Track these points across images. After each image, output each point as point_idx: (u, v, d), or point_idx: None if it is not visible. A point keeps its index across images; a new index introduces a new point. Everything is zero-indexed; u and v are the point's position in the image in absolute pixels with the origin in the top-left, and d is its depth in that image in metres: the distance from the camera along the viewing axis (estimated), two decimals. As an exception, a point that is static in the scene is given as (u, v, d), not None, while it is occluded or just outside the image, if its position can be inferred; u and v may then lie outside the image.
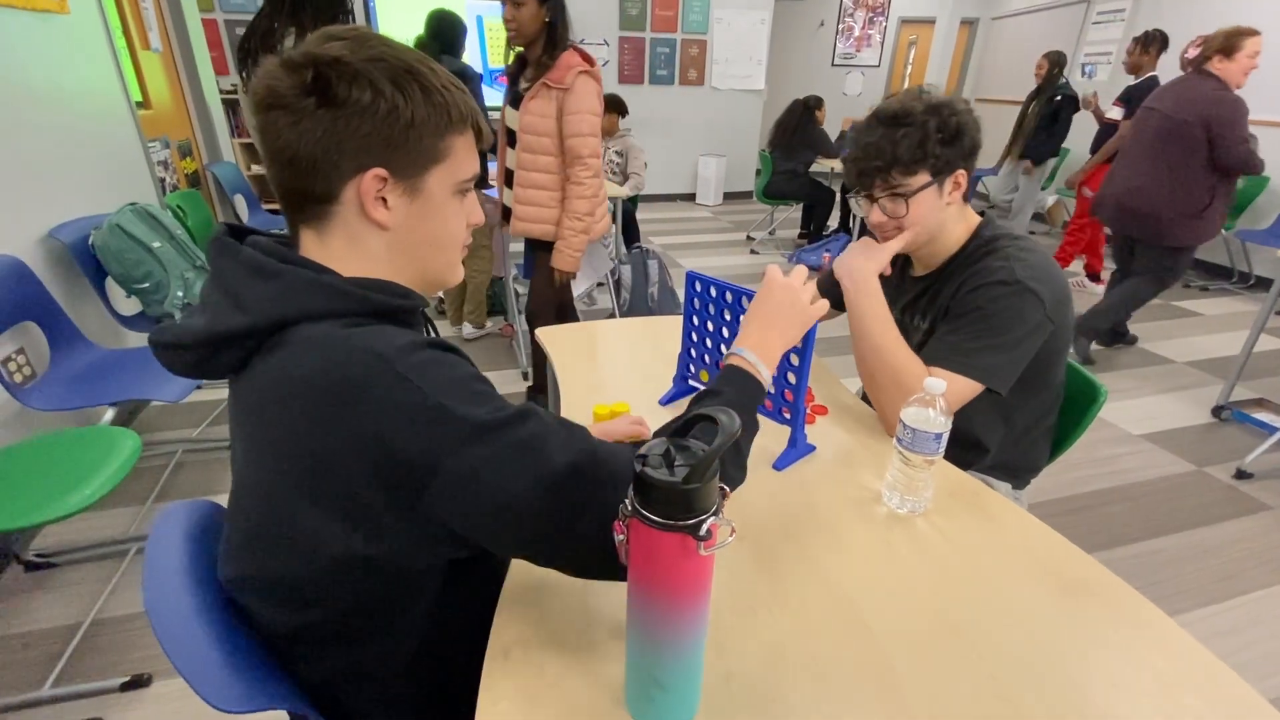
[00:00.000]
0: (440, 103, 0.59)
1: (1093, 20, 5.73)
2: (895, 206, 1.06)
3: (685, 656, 0.53)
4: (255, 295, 0.56)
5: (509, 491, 0.53)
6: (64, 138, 2.19)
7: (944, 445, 0.82)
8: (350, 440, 0.51)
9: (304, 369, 0.53)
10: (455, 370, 0.56)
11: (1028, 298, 1.01)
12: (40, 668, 1.41)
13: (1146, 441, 2.49)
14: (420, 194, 0.61)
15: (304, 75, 0.55)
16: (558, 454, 0.55)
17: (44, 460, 1.43)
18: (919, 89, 1.08)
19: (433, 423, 0.51)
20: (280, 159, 0.57)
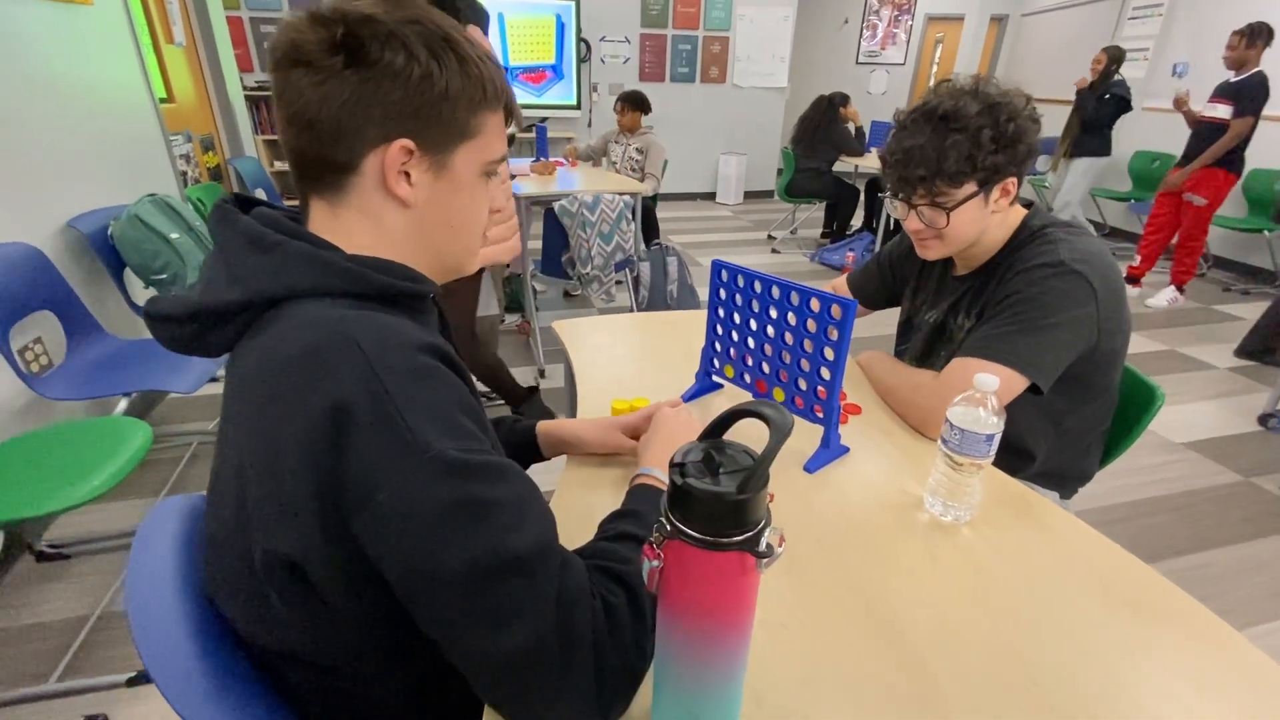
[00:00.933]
0: (476, 75, 0.55)
1: (1129, 15, 5.56)
2: (935, 216, 0.98)
3: (730, 688, 0.47)
4: (249, 268, 0.52)
5: (437, 554, 0.44)
6: (85, 129, 2.19)
7: (995, 448, 0.75)
8: (305, 428, 0.45)
9: (288, 348, 0.48)
10: (441, 389, 0.49)
11: (1074, 280, 0.93)
12: (48, 659, 1.39)
13: (1190, 450, 2.38)
14: (446, 171, 0.57)
15: (333, 31, 0.50)
16: (511, 534, 0.46)
17: (53, 450, 1.41)
18: (976, 80, 0.96)
19: (387, 438, 0.44)
20: (299, 121, 0.52)
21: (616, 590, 0.52)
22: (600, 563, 0.54)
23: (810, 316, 0.87)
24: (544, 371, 2.82)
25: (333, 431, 0.44)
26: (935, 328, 1.15)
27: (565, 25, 5.65)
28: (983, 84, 0.96)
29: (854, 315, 0.82)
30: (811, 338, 0.88)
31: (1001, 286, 1.00)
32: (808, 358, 0.89)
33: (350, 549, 0.46)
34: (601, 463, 0.89)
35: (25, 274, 1.76)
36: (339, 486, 0.45)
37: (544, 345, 2.91)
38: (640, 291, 3.18)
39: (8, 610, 1.52)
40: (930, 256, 1.07)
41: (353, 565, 0.47)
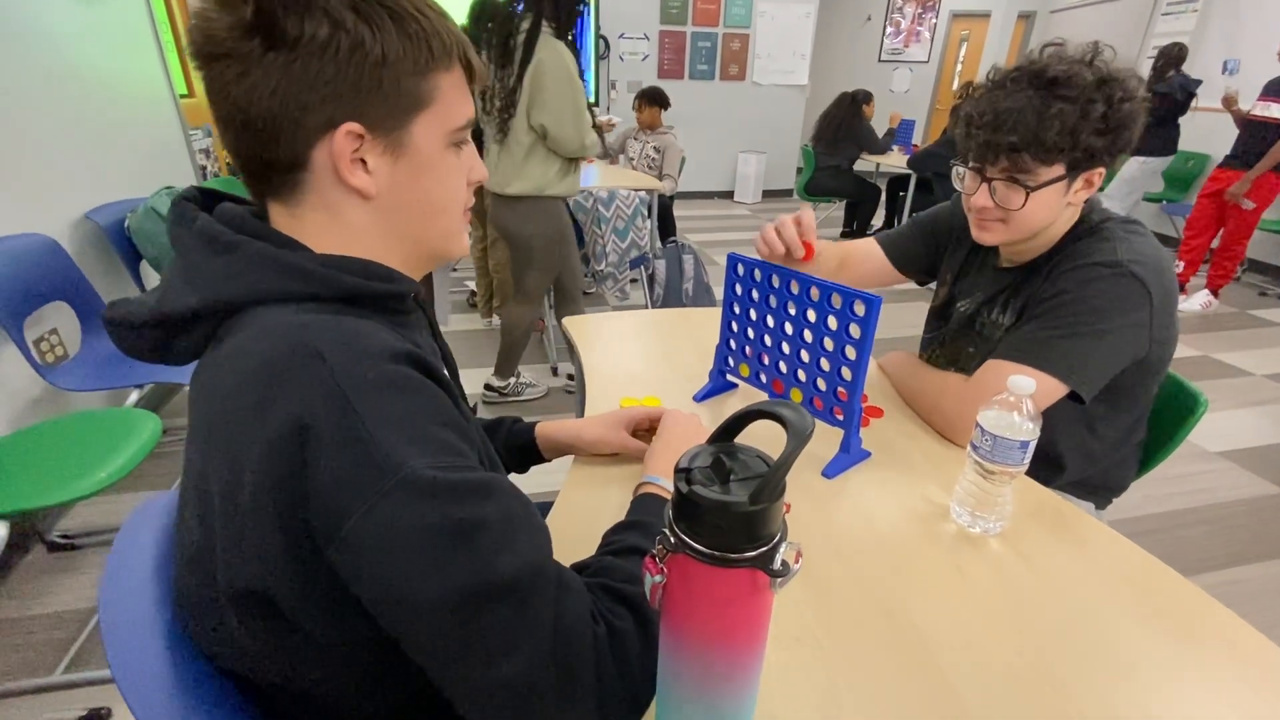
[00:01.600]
0: (417, 32, 0.48)
1: (1162, 11, 5.40)
2: (1010, 195, 0.87)
3: (739, 713, 0.43)
4: (205, 271, 0.47)
5: (418, 585, 0.39)
6: (105, 123, 2.19)
7: (1029, 456, 0.70)
8: (266, 448, 0.40)
9: (246, 361, 0.43)
10: (415, 400, 0.43)
11: (1131, 285, 0.85)
12: (55, 650, 1.38)
13: (1225, 460, 2.28)
14: (406, 150, 0.50)
15: (242, 11, 0.44)
16: (499, 557, 0.41)
17: (65, 441, 1.41)
18: (1092, 47, 0.85)
19: (354, 456, 0.39)
20: (233, 123, 0.47)
21: (622, 613, 0.47)
22: (604, 581, 0.50)
23: (831, 313, 0.82)
24: (556, 369, 2.79)
25: (295, 453, 0.39)
26: (965, 319, 1.08)
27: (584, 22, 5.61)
28: (1098, 56, 0.85)
29: (878, 312, 0.77)
30: (832, 335, 0.83)
31: (1049, 283, 0.91)
32: (828, 357, 0.85)
33: (327, 575, 0.41)
34: (609, 462, 0.86)
35: (41, 265, 1.76)
36: (306, 514, 0.40)
37: (557, 343, 2.88)
38: (655, 289, 3.14)
39: (17, 600, 1.52)
40: (987, 241, 0.96)
41: (331, 592, 0.42)
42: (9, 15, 1.79)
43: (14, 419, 1.67)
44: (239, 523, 0.42)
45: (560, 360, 2.81)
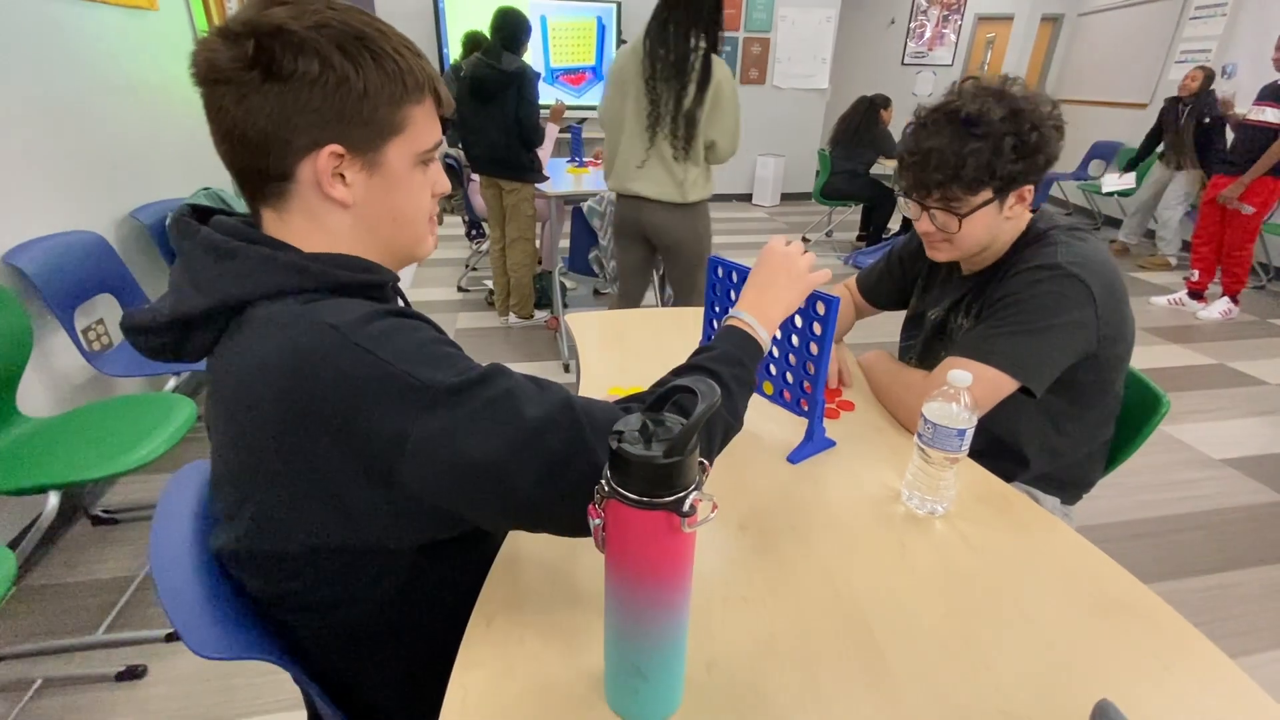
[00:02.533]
0: (394, 70, 0.56)
1: (1190, 15, 5.32)
2: (948, 221, 0.98)
3: (669, 643, 0.51)
4: (212, 276, 0.55)
5: (484, 451, 0.51)
6: (149, 126, 2.35)
7: (967, 443, 0.76)
8: (315, 421, 0.50)
9: (264, 350, 0.52)
10: (416, 334, 0.54)
11: (1069, 283, 0.92)
12: (97, 614, 1.51)
13: (1228, 467, 2.29)
14: (380, 168, 0.59)
15: (245, 46, 0.51)
16: (531, 408, 0.53)
17: (108, 422, 1.54)
18: (1002, 79, 0.94)
19: (396, 392, 0.50)
20: (230, 138, 0.54)
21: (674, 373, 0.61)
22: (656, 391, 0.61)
23: (797, 313, 0.89)
24: (568, 366, 2.88)
25: (346, 410, 0.49)
26: (936, 325, 1.15)
27: (606, 27, 5.72)
28: (1009, 85, 0.94)
29: (836, 312, 0.84)
30: (798, 333, 0.91)
31: (999, 287, 1.00)
32: (795, 352, 0.92)
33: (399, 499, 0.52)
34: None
35: (91, 260, 1.91)
36: (369, 451, 0.50)
37: (569, 340, 2.97)
38: (666, 289, 3.22)
39: (64, 567, 1.65)
40: (939, 259, 1.07)
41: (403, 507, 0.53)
42: (65, 28, 1.94)
43: (63, 401, 1.81)
44: (304, 492, 0.52)
45: (572, 358, 2.91)
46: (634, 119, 2.08)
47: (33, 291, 1.66)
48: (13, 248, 1.67)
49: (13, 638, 1.44)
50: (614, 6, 5.65)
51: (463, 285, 3.90)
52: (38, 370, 1.71)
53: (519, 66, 2.75)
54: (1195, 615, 0.66)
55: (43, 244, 1.75)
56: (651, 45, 1.97)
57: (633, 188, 2.14)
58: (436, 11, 5.32)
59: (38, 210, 1.79)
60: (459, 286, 3.88)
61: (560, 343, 3.05)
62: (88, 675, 1.37)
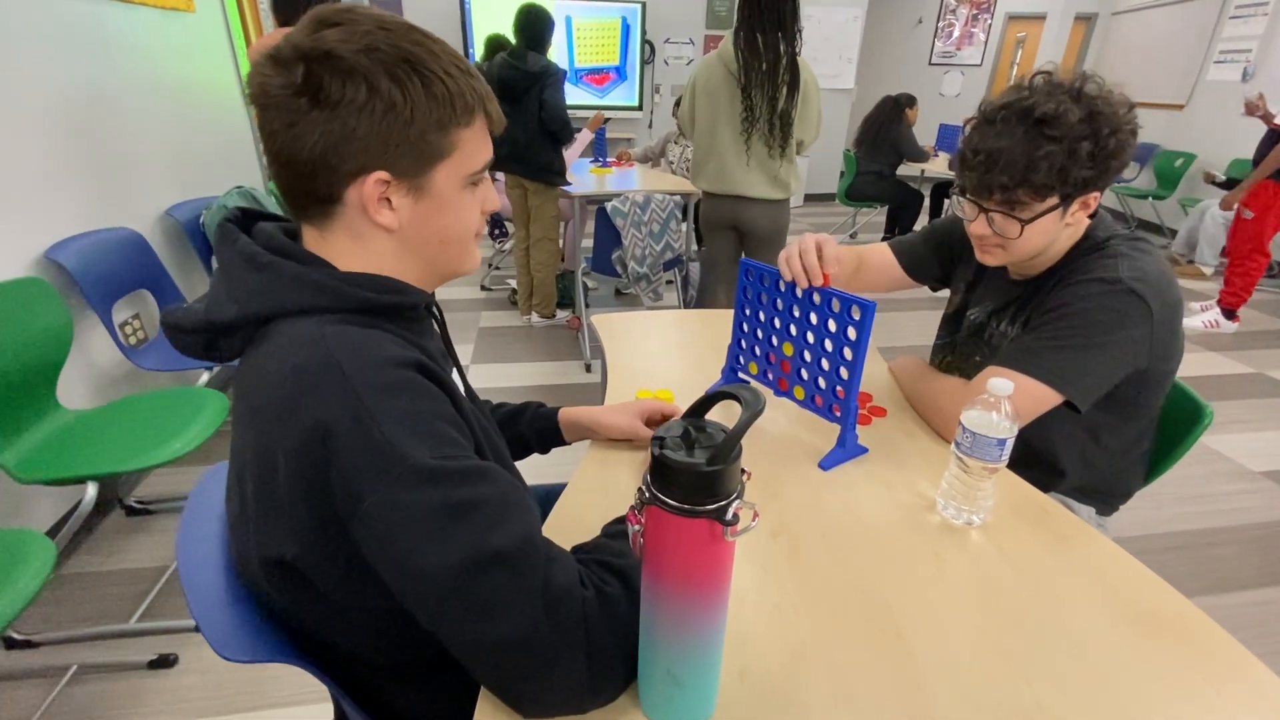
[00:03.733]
0: (443, 94, 0.55)
1: (1230, 15, 5.18)
2: (1007, 226, 0.91)
3: (706, 651, 0.50)
4: (243, 286, 0.55)
5: (424, 555, 0.47)
6: (185, 126, 2.40)
7: (1007, 453, 0.75)
8: (298, 446, 0.49)
9: (274, 368, 0.52)
10: (420, 402, 0.52)
11: (1129, 300, 0.88)
12: (130, 602, 1.55)
13: (1268, 480, 2.22)
14: (427, 193, 0.58)
15: (294, 74, 0.51)
16: (493, 531, 0.48)
17: (144, 415, 1.57)
18: (1079, 78, 0.86)
19: (368, 451, 0.47)
20: (279, 160, 0.55)
21: (611, 580, 0.54)
22: (597, 556, 0.57)
23: (831, 317, 0.88)
24: (590, 366, 2.88)
25: (319, 447, 0.48)
26: (976, 326, 1.12)
27: (630, 27, 5.73)
28: (1087, 83, 0.86)
29: (872, 318, 0.83)
30: (831, 338, 0.89)
31: (1052, 296, 0.95)
32: (828, 357, 0.91)
33: (348, 548, 0.50)
34: (623, 447, 0.94)
35: (128, 257, 1.95)
36: (329, 496, 0.49)
37: (591, 340, 2.98)
38: (689, 290, 3.21)
39: (99, 555, 1.69)
40: (990, 262, 1.01)
41: (350, 562, 0.51)
42: (107, 29, 1.99)
43: (101, 393, 1.86)
44: (274, 503, 0.52)
45: (594, 358, 2.91)
46: (728, 124, 2.24)
47: (73, 287, 1.71)
48: (54, 244, 1.71)
49: (48, 624, 1.48)
50: (639, 6, 5.65)
51: (485, 284, 3.92)
52: (76, 364, 1.75)
53: (543, 65, 2.76)
54: (1236, 631, 0.64)
55: (83, 240, 1.79)
56: (745, 56, 2.11)
57: (735, 189, 2.32)
58: (463, 12, 5.36)
59: (78, 208, 1.83)
60: (482, 285, 3.91)
61: (582, 343, 3.05)
62: (120, 663, 1.40)
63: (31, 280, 1.56)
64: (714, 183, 2.36)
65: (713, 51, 2.24)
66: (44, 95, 1.72)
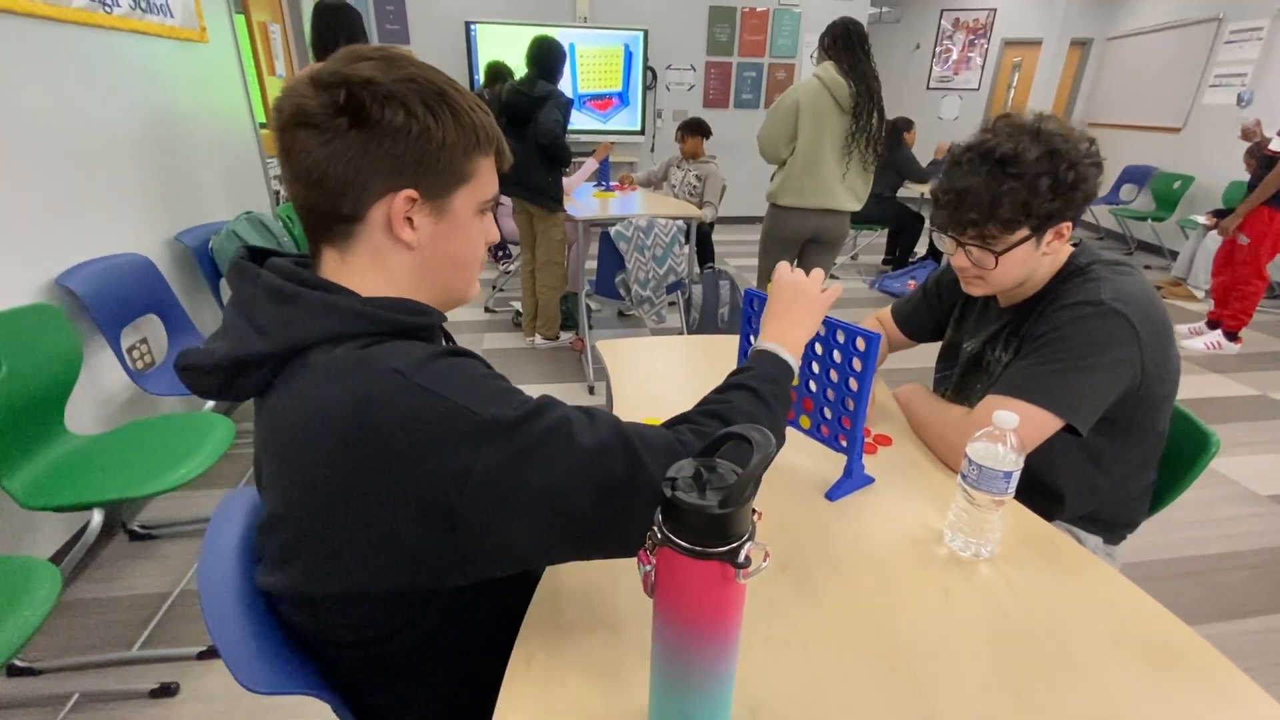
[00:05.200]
0: (469, 124, 0.60)
1: (1224, 39, 5.26)
2: (983, 257, 0.97)
3: (716, 690, 0.51)
4: (273, 320, 0.56)
5: (544, 480, 0.52)
6: (196, 153, 2.44)
7: (1014, 485, 0.75)
8: (379, 465, 0.50)
9: (325, 396, 0.53)
10: (472, 372, 0.56)
11: (1114, 320, 0.91)
12: (133, 629, 1.54)
13: (1274, 503, 2.20)
14: (446, 214, 0.62)
15: (336, 95, 0.54)
16: (585, 435, 0.55)
17: (150, 440, 1.58)
18: (1038, 118, 0.94)
19: (460, 428, 0.51)
20: (309, 178, 0.57)
21: (708, 423, 0.63)
22: (704, 407, 0.66)
23: (836, 348, 0.89)
24: (593, 389, 2.89)
25: (414, 451, 0.50)
26: (973, 358, 1.14)
27: (633, 54, 5.83)
28: (1045, 123, 0.93)
29: (877, 349, 0.84)
30: (837, 368, 0.90)
31: (1040, 323, 0.98)
32: (833, 388, 0.92)
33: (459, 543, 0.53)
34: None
35: (137, 282, 1.97)
36: (435, 487, 0.51)
37: (594, 363, 2.99)
38: (691, 313, 3.23)
39: (101, 582, 1.69)
40: (975, 293, 1.06)
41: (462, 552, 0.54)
42: (122, 59, 2.03)
43: (108, 419, 1.87)
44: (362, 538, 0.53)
45: (597, 380, 2.92)
46: (831, 143, 2.48)
47: (82, 313, 1.72)
48: (65, 270, 1.73)
49: (49, 651, 1.47)
50: (641, 34, 5.75)
51: (489, 306, 3.95)
52: (84, 388, 1.76)
53: (548, 91, 2.81)
54: (1245, 659, 0.64)
55: (93, 266, 1.81)
56: (857, 84, 2.40)
57: (827, 203, 2.56)
58: (468, 41, 5.47)
59: (89, 233, 1.86)
60: (486, 307, 3.93)
61: (585, 364, 3.06)
62: (122, 691, 1.39)
63: (42, 306, 1.58)
64: (807, 198, 2.56)
65: (809, 80, 2.47)
66: (57, 123, 1.75)
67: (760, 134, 2.62)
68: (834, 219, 2.64)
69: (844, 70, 2.39)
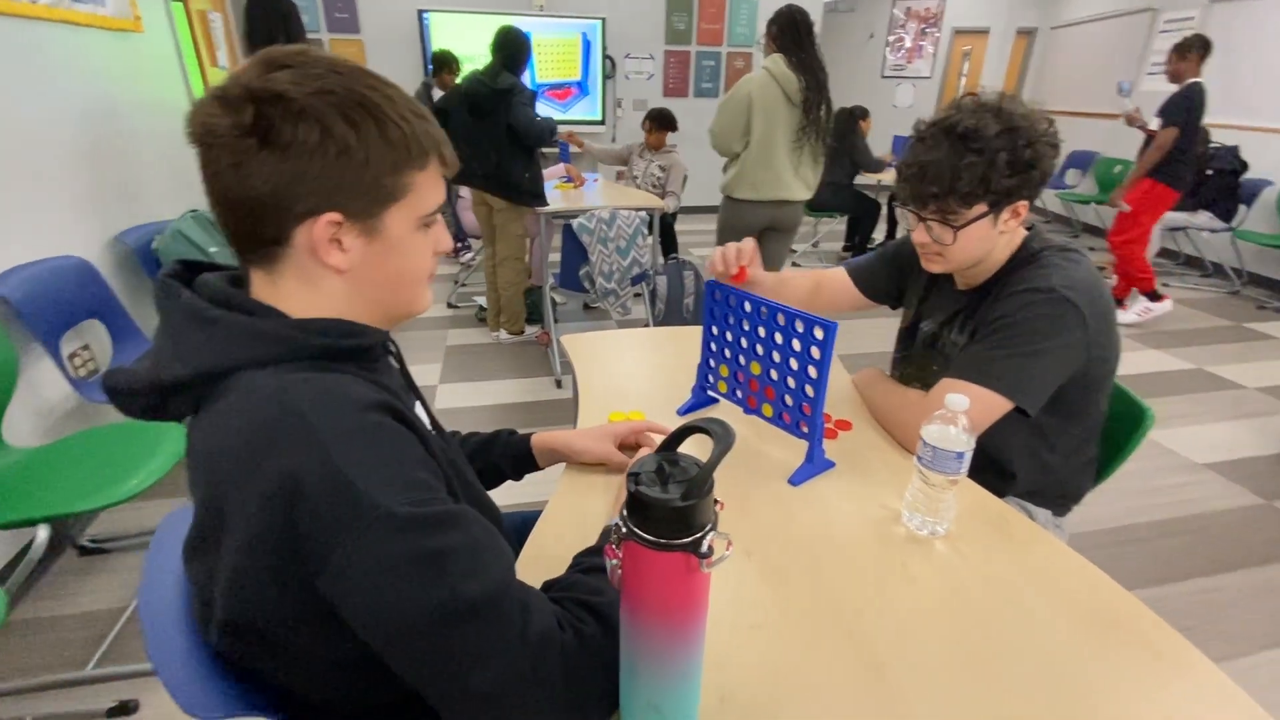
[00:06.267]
0: (398, 138, 0.55)
1: (1159, 29, 5.48)
2: (943, 233, 0.99)
3: (685, 679, 0.51)
4: (191, 344, 0.53)
5: (397, 608, 0.47)
6: (136, 149, 2.33)
7: (966, 465, 0.78)
8: (260, 504, 0.47)
9: (234, 424, 0.50)
10: (389, 447, 0.51)
11: (1063, 307, 0.95)
12: (86, 647, 1.48)
13: (1211, 471, 2.33)
14: (379, 234, 0.57)
15: (243, 115, 0.50)
16: (468, 581, 0.48)
17: (98, 451, 1.52)
18: (1001, 97, 0.96)
19: (337, 499, 0.46)
20: (224, 201, 0.53)
21: (588, 619, 0.54)
22: (573, 595, 0.57)
23: (795, 336, 0.91)
24: (560, 382, 2.88)
25: (286, 501, 0.46)
26: (929, 339, 1.17)
27: (591, 43, 5.78)
28: (1007, 102, 0.96)
29: (834, 337, 0.86)
30: (797, 357, 0.92)
31: (994, 307, 1.02)
32: (794, 376, 0.94)
33: (316, 604, 0.49)
34: (597, 471, 0.94)
35: (76, 285, 1.88)
36: (299, 551, 0.47)
37: (561, 356, 2.98)
38: (656, 304, 3.24)
39: (51, 600, 1.62)
40: (934, 269, 1.08)
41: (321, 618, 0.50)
42: (48, 52, 1.92)
43: (51, 430, 1.78)
44: (237, 565, 0.50)
45: (564, 374, 2.91)
46: (783, 137, 2.51)
47: (16, 319, 1.64)
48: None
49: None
50: (599, 23, 5.70)
51: (452, 302, 3.89)
52: (24, 399, 1.68)
53: (511, 84, 2.77)
54: (1184, 620, 0.68)
55: (26, 270, 1.72)
56: (806, 77, 2.44)
57: (787, 194, 2.60)
58: (422, 31, 5.34)
59: (22, 236, 1.76)
60: (448, 303, 3.87)
61: (552, 358, 3.05)
62: (77, 712, 1.34)
63: (-27, 315, 1.50)
64: (762, 190, 2.59)
65: (758, 74, 2.49)
66: (-17, 122, 1.66)
67: (713, 127, 2.63)
68: (788, 209, 2.69)
69: (794, 64, 2.42)
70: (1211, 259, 4.86)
